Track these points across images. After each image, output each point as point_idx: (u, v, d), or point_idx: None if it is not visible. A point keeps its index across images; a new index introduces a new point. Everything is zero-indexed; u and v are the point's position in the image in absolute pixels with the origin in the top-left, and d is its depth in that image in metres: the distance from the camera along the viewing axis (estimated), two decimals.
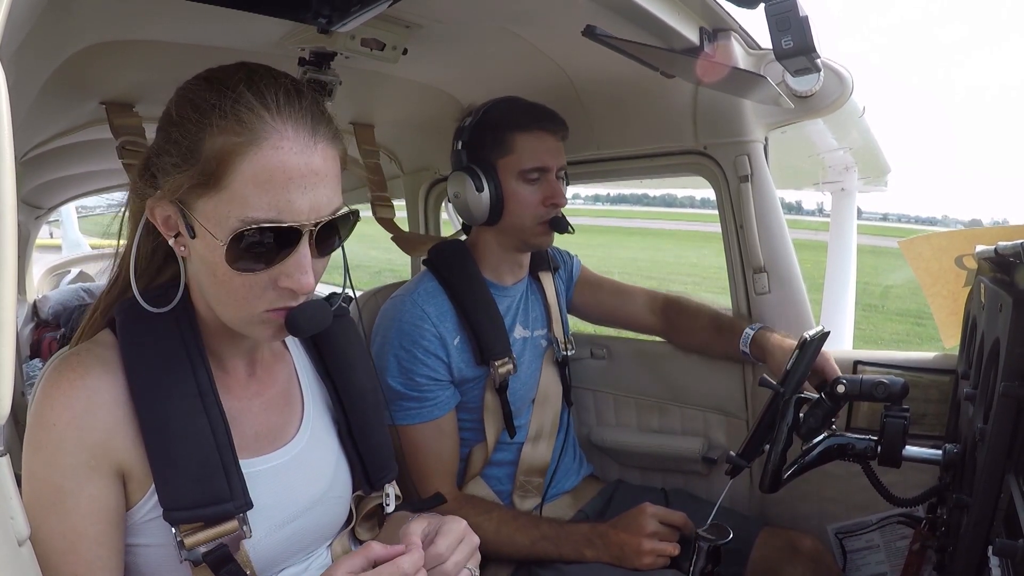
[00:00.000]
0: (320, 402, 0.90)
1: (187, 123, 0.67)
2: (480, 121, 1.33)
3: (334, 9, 0.91)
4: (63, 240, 5.90)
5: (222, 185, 0.65)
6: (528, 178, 1.30)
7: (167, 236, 0.72)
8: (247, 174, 0.64)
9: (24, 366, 2.77)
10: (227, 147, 0.64)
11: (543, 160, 1.30)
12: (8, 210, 0.43)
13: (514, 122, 1.30)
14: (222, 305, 0.72)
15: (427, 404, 1.26)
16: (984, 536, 0.81)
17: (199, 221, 0.67)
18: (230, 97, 0.65)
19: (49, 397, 0.69)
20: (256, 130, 0.65)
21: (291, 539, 0.81)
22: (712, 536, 1.00)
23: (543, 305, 1.50)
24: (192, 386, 0.72)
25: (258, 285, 0.69)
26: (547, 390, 1.45)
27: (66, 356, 0.72)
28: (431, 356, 1.26)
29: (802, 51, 0.98)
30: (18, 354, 1.91)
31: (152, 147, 0.72)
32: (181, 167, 0.67)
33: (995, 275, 0.99)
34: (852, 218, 3.07)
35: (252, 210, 0.65)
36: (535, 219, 1.32)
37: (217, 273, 0.68)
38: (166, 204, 0.70)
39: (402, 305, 1.29)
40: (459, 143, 1.35)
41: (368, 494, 0.94)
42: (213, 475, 0.71)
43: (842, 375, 1.09)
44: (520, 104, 1.34)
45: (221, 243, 0.66)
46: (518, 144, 1.30)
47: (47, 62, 1.00)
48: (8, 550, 0.50)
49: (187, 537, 0.70)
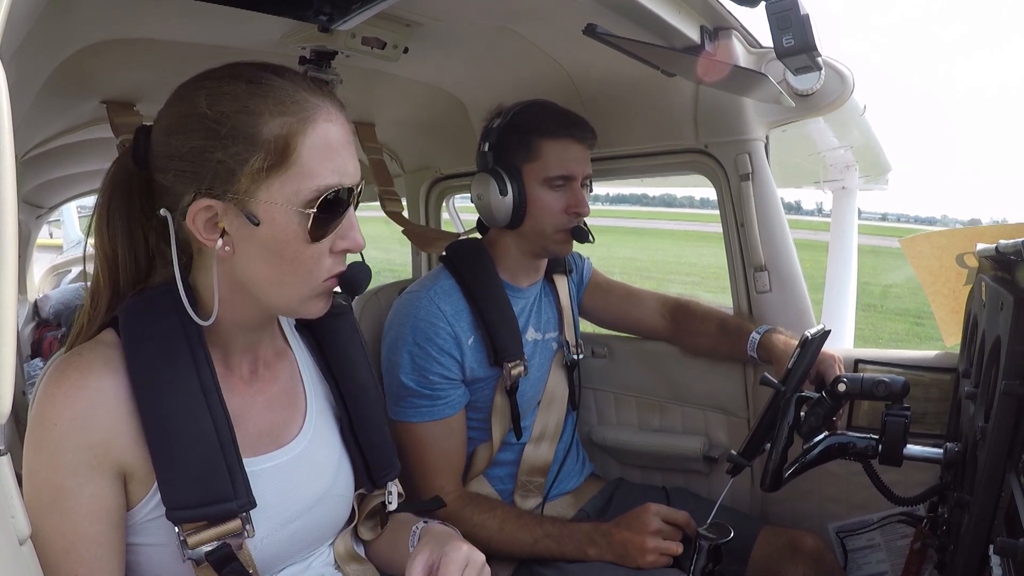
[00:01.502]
0: (322, 400, 0.90)
1: (238, 115, 0.68)
2: (508, 124, 1.31)
3: (335, 7, 0.91)
4: (64, 240, 5.90)
5: (290, 163, 0.69)
6: (553, 185, 1.29)
7: (206, 241, 0.71)
8: (312, 148, 0.70)
9: (25, 365, 2.78)
10: (288, 127, 0.69)
11: (569, 168, 1.29)
12: (9, 209, 0.43)
13: (543, 128, 1.29)
14: (286, 286, 0.74)
15: (439, 402, 1.26)
16: (985, 535, 0.81)
17: (265, 205, 0.69)
18: (270, 84, 0.70)
19: (51, 396, 0.68)
20: (307, 108, 0.70)
21: (293, 538, 0.81)
22: (713, 535, 0.99)
23: (556, 308, 1.50)
24: (195, 384, 0.72)
25: (323, 253, 0.73)
26: (553, 392, 1.44)
27: (68, 355, 0.72)
28: (445, 355, 1.25)
29: (803, 49, 0.98)
30: (19, 353, 1.91)
31: (184, 153, 0.70)
32: (246, 157, 0.68)
33: (996, 273, 0.98)
34: (853, 216, 3.07)
35: (321, 179, 0.70)
36: (556, 226, 1.31)
37: (286, 252, 0.71)
38: (208, 205, 0.69)
39: (418, 302, 1.28)
40: (486, 144, 1.33)
41: (370, 492, 0.94)
42: (216, 474, 0.71)
43: (843, 374, 1.09)
44: (550, 110, 1.32)
45: (307, 214, 0.70)
46: (545, 150, 1.29)
47: (47, 61, 1.00)
48: (9, 549, 0.50)
49: (190, 536, 0.70)
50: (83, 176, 2.60)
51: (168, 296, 0.74)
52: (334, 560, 0.90)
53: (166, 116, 0.73)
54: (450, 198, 2.23)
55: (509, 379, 1.30)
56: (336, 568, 0.89)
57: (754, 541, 1.35)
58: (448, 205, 2.26)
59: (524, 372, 1.32)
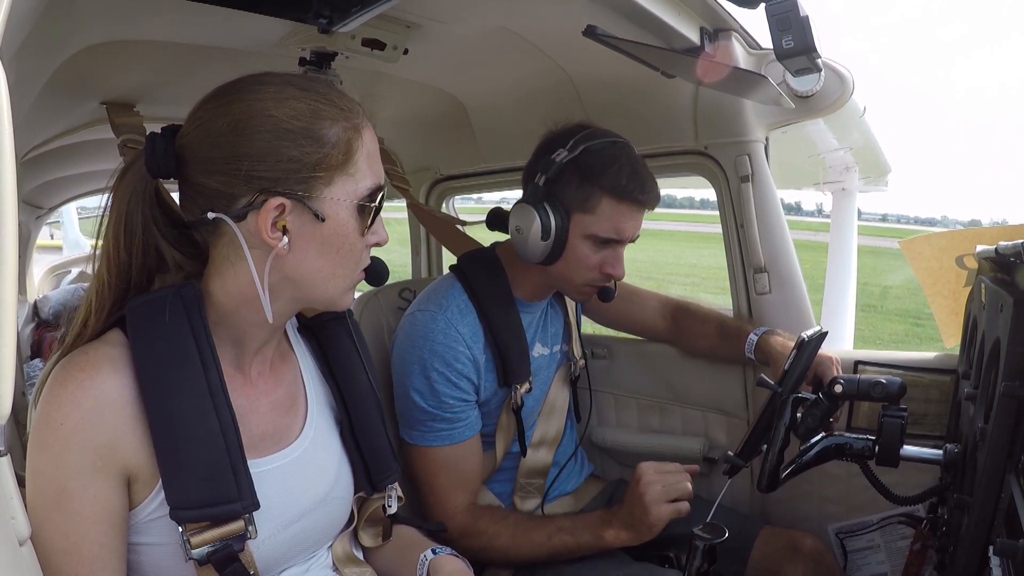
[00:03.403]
0: (323, 403, 0.90)
1: (308, 117, 0.72)
2: (573, 162, 1.19)
3: (334, 9, 0.92)
4: (64, 240, 5.90)
5: (352, 162, 0.74)
6: (597, 242, 1.21)
7: (271, 241, 0.71)
8: (364, 150, 0.76)
9: (24, 366, 2.78)
10: (348, 131, 0.74)
11: (622, 233, 1.21)
12: (9, 210, 0.43)
13: (608, 184, 1.17)
14: (336, 279, 0.78)
15: (459, 425, 1.23)
16: (985, 536, 0.81)
17: (330, 202, 0.74)
18: (321, 91, 0.75)
19: (56, 397, 0.68)
20: (355, 114, 0.76)
21: (295, 540, 0.81)
22: (708, 535, 0.99)
23: (563, 321, 1.47)
24: (203, 385, 0.72)
25: (365, 248, 0.79)
26: (554, 402, 1.43)
27: (72, 355, 0.71)
28: (464, 379, 1.22)
29: (803, 51, 0.98)
30: (19, 354, 1.91)
31: (250, 153, 0.70)
32: (320, 155, 0.72)
33: (996, 275, 0.99)
34: (853, 218, 3.07)
35: (372, 179, 0.77)
36: (586, 281, 1.25)
37: (343, 247, 0.76)
38: (280, 204, 0.71)
39: (434, 324, 1.22)
40: (542, 177, 1.20)
41: (370, 495, 0.93)
42: (222, 475, 0.71)
43: (840, 375, 1.09)
44: (623, 162, 1.19)
45: (368, 207, 0.76)
46: (604, 208, 1.18)
47: (47, 62, 1.00)
48: (9, 550, 0.50)
49: (193, 536, 0.70)
50: (83, 177, 2.60)
51: (178, 296, 0.74)
52: (332, 563, 0.89)
53: (212, 119, 0.72)
54: (450, 199, 2.22)
55: (517, 400, 1.28)
56: (334, 570, 0.89)
57: (754, 542, 1.35)
58: (448, 206, 2.25)
59: (529, 389, 1.31)
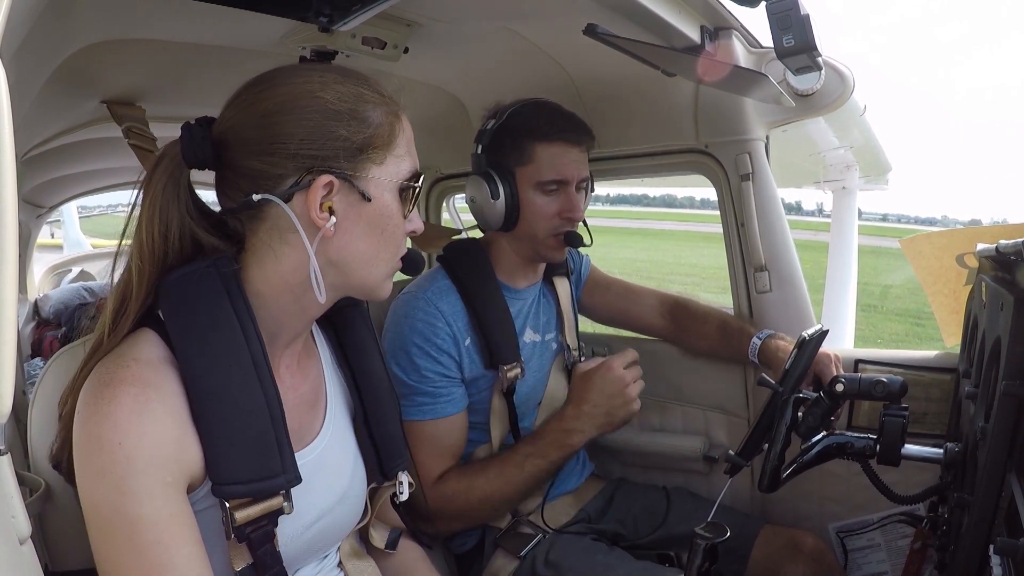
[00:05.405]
0: (340, 399, 0.89)
1: (355, 99, 0.74)
2: (502, 125, 1.28)
3: (335, 8, 0.92)
4: (64, 239, 5.90)
5: (395, 144, 0.76)
6: (546, 189, 1.27)
7: (318, 221, 0.71)
8: (404, 134, 0.78)
9: (25, 365, 2.77)
10: (389, 115, 0.76)
11: (563, 173, 1.27)
12: (9, 209, 0.43)
13: (536, 131, 1.26)
14: (379, 263, 0.78)
15: (441, 399, 1.25)
16: (985, 535, 0.81)
17: (375, 183, 0.75)
18: (362, 79, 0.77)
19: (106, 415, 0.62)
20: (394, 101, 0.78)
21: (314, 539, 0.80)
22: (709, 534, 0.99)
23: (555, 310, 1.49)
24: (247, 356, 0.70)
25: (405, 232, 0.79)
26: (553, 394, 1.43)
27: (111, 366, 0.66)
28: (444, 354, 1.25)
29: (803, 49, 0.98)
30: (19, 353, 1.90)
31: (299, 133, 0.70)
32: (368, 136, 0.73)
33: (996, 274, 0.98)
34: (853, 216, 3.07)
35: (413, 162, 0.79)
36: (549, 231, 1.30)
37: (387, 228, 0.76)
38: (329, 182, 0.71)
39: (415, 302, 1.28)
40: (479, 147, 1.31)
41: (381, 484, 0.93)
42: (268, 449, 0.69)
43: (841, 374, 1.09)
44: (544, 111, 1.28)
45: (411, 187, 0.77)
46: (538, 154, 1.26)
47: (48, 61, 1.00)
48: (9, 549, 0.50)
49: (236, 512, 0.67)
50: (83, 175, 2.60)
51: (214, 267, 0.72)
52: (339, 560, 0.89)
53: (257, 102, 0.71)
54: (450, 198, 2.23)
55: (505, 381, 1.29)
56: (339, 566, 0.89)
57: (754, 541, 1.34)
58: (448, 205, 2.25)
59: (521, 374, 1.32)
